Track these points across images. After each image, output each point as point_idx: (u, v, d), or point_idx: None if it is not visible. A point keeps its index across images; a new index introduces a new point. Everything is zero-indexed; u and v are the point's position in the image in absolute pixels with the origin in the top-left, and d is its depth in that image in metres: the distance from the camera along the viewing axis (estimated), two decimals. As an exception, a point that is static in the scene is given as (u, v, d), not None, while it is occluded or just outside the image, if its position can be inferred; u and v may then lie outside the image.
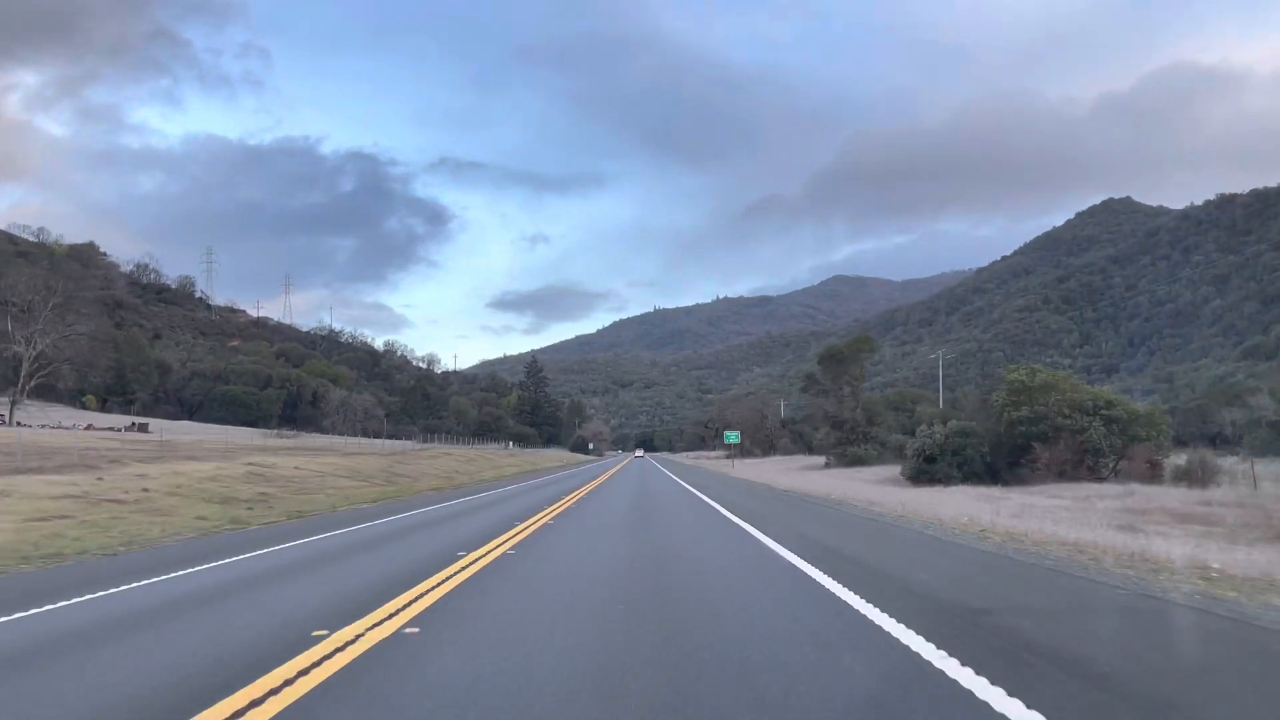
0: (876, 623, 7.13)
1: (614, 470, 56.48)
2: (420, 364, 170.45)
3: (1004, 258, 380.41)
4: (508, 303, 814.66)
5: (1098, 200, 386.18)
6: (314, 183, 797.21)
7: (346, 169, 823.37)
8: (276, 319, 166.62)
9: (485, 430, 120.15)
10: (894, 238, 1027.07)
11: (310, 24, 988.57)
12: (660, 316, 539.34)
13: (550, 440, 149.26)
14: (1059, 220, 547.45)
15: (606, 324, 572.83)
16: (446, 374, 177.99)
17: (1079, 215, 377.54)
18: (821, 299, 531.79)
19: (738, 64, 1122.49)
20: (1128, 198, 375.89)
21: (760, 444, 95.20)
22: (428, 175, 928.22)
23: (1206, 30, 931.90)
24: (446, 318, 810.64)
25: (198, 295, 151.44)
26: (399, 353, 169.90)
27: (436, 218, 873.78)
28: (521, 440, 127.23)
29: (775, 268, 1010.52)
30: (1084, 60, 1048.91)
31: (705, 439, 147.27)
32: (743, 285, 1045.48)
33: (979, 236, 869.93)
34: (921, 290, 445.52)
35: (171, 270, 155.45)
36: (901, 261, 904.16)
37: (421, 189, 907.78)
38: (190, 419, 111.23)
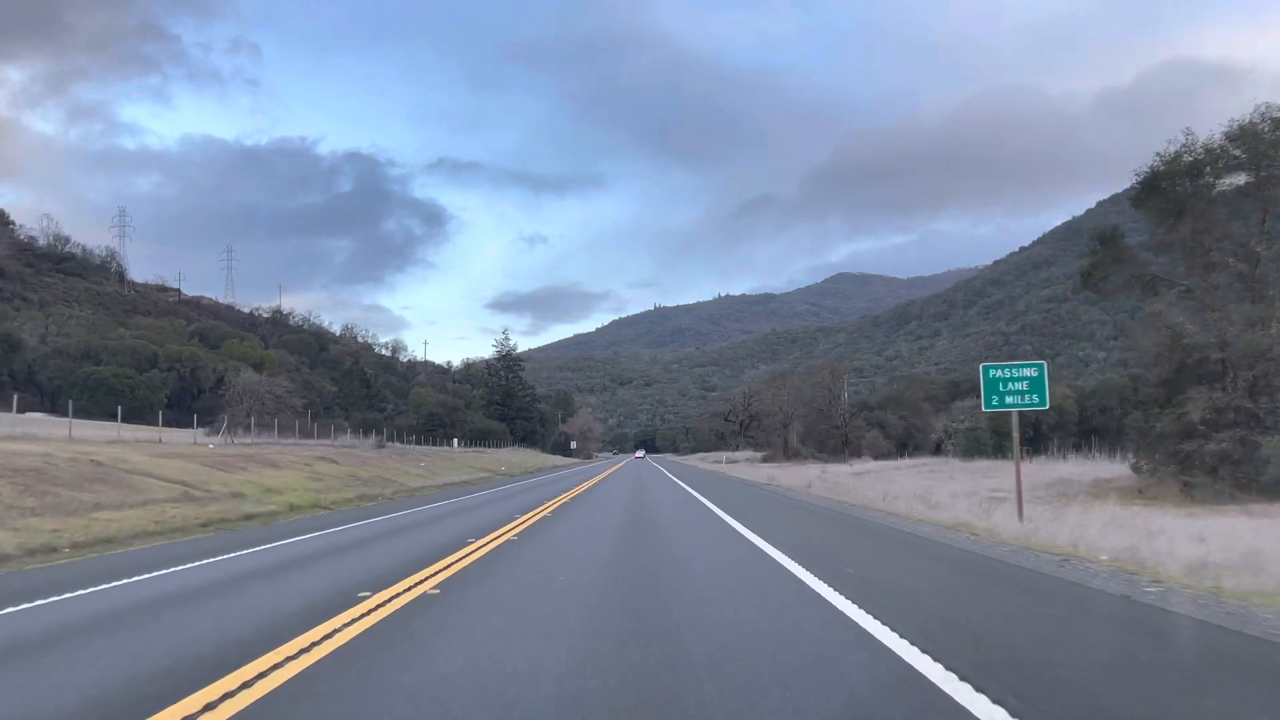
0: None
1: (558, 503, 24.30)
2: (384, 351, 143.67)
3: (1022, 248, 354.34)
4: (506, 304, 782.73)
5: (1097, 197, 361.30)
6: (311, 184, 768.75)
7: (344, 170, 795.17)
8: (215, 298, 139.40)
9: (437, 425, 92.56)
10: (892, 237, 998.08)
11: (305, 24, 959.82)
12: (660, 315, 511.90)
13: (525, 438, 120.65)
14: (1059, 218, 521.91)
15: (605, 323, 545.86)
16: (413, 363, 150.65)
17: (1100, 204, 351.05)
18: (825, 296, 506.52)
19: (735, 63, 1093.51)
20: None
21: (821, 441, 65.26)
22: (425, 176, 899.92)
23: (1209, 25, 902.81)
24: (445, 319, 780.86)
25: (113, 268, 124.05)
26: (359, 338, 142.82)
27: (434, 218, 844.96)
28: (485, 438, 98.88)
29: (774, 268, 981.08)
30: (1084, 56, 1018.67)
31: (724, 436, 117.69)
32: (743, 285, 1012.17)
33: (978, 235, 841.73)
34: (928, 287, 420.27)
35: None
36: (901, 261, 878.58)
37: (419, 190, 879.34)
38: (51, 410, 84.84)
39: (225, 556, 12.59)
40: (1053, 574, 9.91)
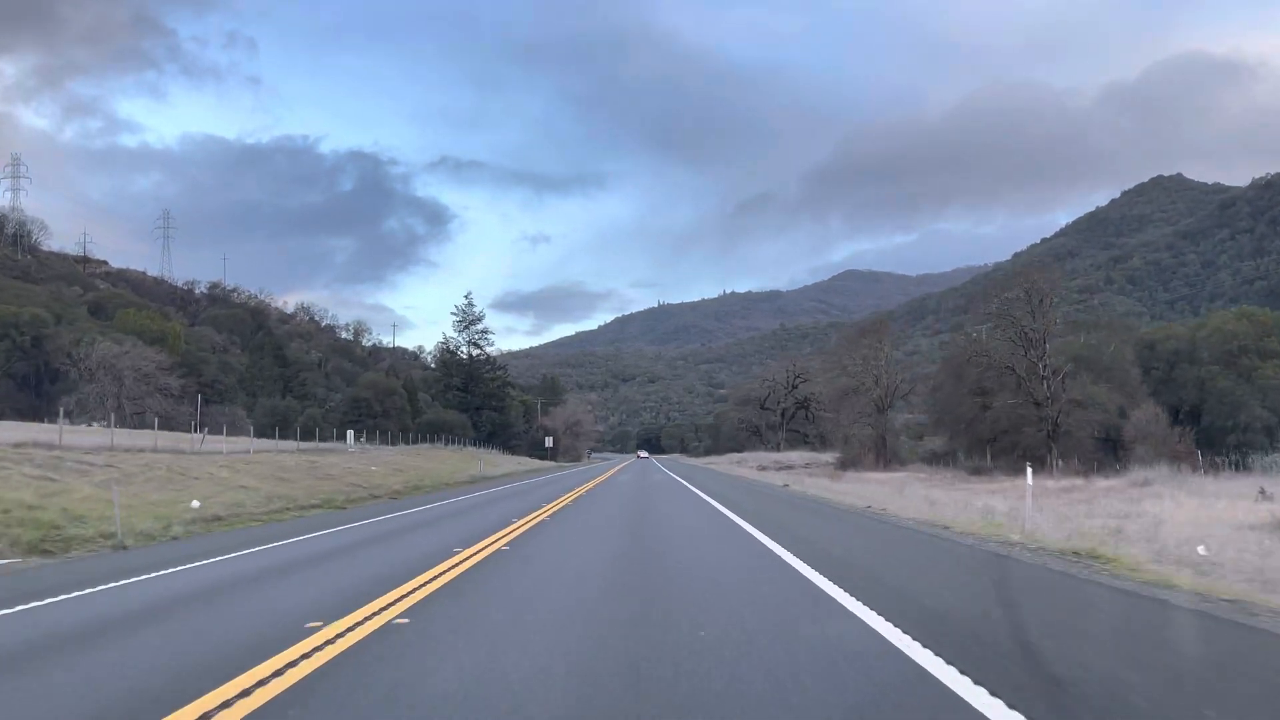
0: None
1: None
2: (345, 334, 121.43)
3: (1044, 240, 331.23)
4: (510, 304, 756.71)
5: (1102, 193, 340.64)
6: (313, 182, 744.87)
7: (346, 168, 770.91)
8: (148, 272, 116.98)
9: (363, 414, 69.05)
10: (894, 236, 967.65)
11: (305, 21, 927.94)
12: (664, 312, 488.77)
13: (494, 434, 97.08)
14: (1064, 217, 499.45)
15: (608, 320, 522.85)
16: (376, 348, 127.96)
17: (1124, 194, 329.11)
18: (832, 294, 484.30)
19: (738, 59, 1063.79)
20: (1178, 174, 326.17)
21: (961, 427, 36.87)
22: (428, 175, 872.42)
23: (1217, 19, 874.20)
24: (448, 319, 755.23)
25: (9, 231, 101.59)
26: (315, 318, 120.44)
27: (437, 218, 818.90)
28: (439, 432, 74.59)
29: (776, 268, 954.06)
30: (1089, 50, 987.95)
31: (760, 430, 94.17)
32: (745, 284, 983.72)
33: (981, 234, 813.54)
34: (937, 285, 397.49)
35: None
36: (904, 260, 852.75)
37: (421, 188, 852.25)
38: None
39: None
40: None
